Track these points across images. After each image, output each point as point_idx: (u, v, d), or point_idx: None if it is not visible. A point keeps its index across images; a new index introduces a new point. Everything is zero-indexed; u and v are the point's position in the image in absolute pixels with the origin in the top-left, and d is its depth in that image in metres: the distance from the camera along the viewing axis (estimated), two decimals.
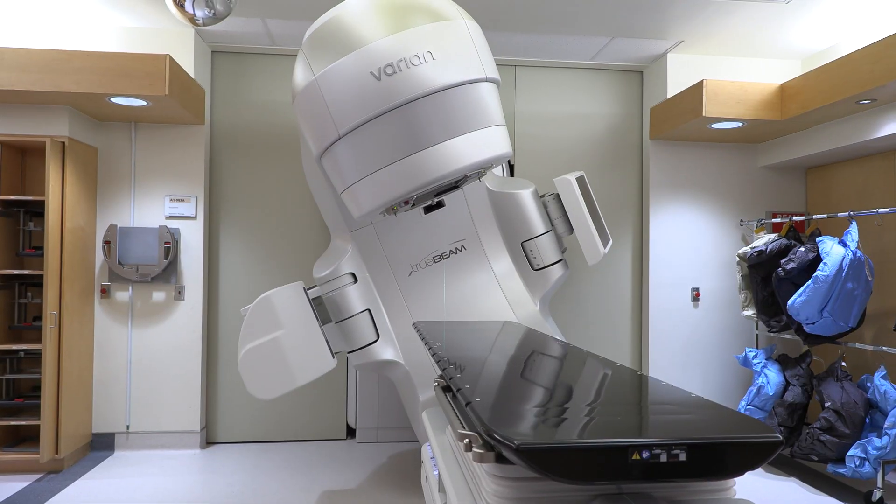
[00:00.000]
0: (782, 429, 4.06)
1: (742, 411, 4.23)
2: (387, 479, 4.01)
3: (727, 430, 1.30)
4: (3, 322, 4.14)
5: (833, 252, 3.81)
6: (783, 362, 4.30)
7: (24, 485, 3.82)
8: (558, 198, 3.76)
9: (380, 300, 3.61)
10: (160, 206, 4.53)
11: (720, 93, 4.17)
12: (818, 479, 4.01)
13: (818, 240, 3.97)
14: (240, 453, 4.52)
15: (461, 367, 1.88)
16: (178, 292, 4.53)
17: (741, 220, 4.95)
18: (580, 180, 3.82)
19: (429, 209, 3.57)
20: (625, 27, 4.37)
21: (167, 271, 4.48)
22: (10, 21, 4.31)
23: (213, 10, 3.68)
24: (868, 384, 3.81)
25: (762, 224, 4.72)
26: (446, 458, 1.86)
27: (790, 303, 3.90)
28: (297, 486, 3.87)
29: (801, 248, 4.04)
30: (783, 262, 4.06)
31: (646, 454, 1.19)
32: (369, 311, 3.56)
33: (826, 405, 3.81)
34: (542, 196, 3.85)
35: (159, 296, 4.52)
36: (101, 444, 4.46)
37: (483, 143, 2.72)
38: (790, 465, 4.26)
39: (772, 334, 4.58)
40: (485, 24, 3.80)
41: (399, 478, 4.03)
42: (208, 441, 4.75)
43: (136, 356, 4.50)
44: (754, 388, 4.22)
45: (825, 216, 4.16)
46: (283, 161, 4.87)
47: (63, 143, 4.05)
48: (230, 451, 4.58)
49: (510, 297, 3.63)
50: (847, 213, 3.96)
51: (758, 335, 4.81)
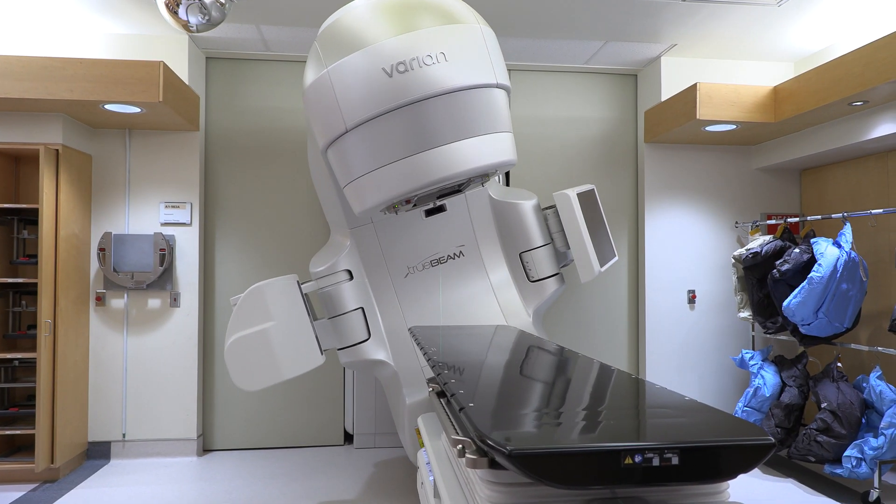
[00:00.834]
0: (779, 430, 4.06)
1: (739, 413, 4.23)
2: (384, 485, 4.00)
3: (720, 434, 1.30)
4: None
5: (827, 253, 3.82)
6: (779, 363, 4.30)
7: (20, 494, 3.80)
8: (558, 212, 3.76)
9: (374, 299, 3.59)
10: (155, 213, 4.53)
11: (714, 95, 4.19)
12: (815, 480, 4.01)
13: (813, 241, 3.98)
14: (237, 461, 4.51)
15: (455, 372, 1.88)
16: (174, 299, 4.52)
17: (736, 222, 4.96)
18: (586, 195, 3.78)
19: (430, 212, 3.56)
20: (618, 31, 4.39)
21: (162, 278, 4.47)
22: (2, 29, 4.31)
23: (207, 17, 3.69)
24: (864, 384, 3.82)
25: (757, 226, 4.73)
26: (441, 463, 1.86)
27: (785, 304, 3.91)
28: (295, 493, 3.86)
29: (796, 250, 4.05)
30: (778, 263, 4.07)
31: (638, 458, 1.19)
32: (362, 309, 3.54)
33: (822, 406, 3.81)
34: (544, 209, 3.84)
35: (155, 303, 4.51)
36: (97, 453, 4.44)
37: (489, 148, 2.71)
38: (787, 466, 4.26)
39: (768, 336, 4.59)
40: None
41: (396, 483, 4.02)
42: (205, 448, 4.73)
43: (131, 364, 4.48)
44: (751, 390, 4.22)
45: (819, 217, 4.17)
46: (279, 167, 4.86)
47: (57, 150, 4.04)
48: (227, 458, 4.56)
49: (504, 307, 3.63)
50: (841, 215, 3.97)
51: (754, 337, 4.82)
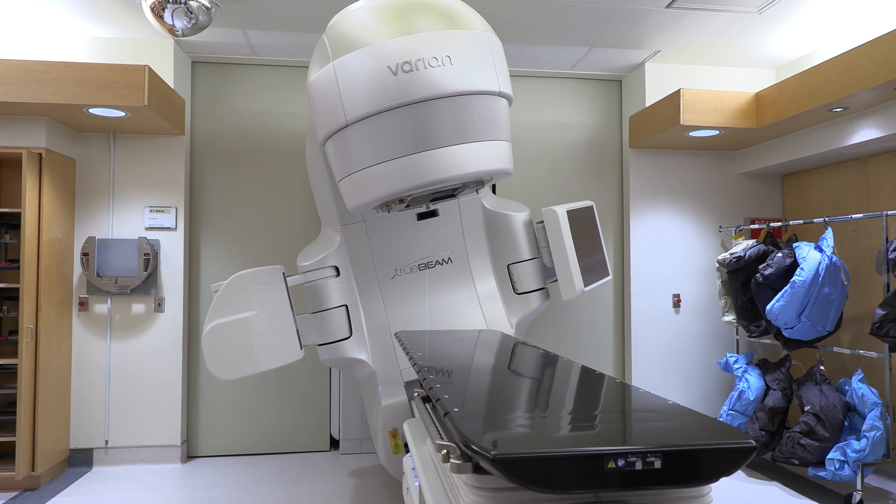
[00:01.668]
0: (763, 433, 4.09)
1: (724, 416, 4.26)
2: (370, 491, 3.99)
3: (702, 437, 1.31)
4: None
5: (809, 257, 3.87)
6: (763, 367, 4.35)
7: (0, 503, 3.74)
8: None
9: (358, 298, 3.57)
10: (139, 217, 4.49)
11: (697, 101, 4.23)
12: (799, 483, 4.05)
13: (795, 245, 4.03)
14: (221, 467, 4.47)
15: (440, 377, 1.88)
16: (158, 304, 4.48)
17: (720, 227, 5.01)
18: (581, 211, 3.77)
19: (422, 216, 3.55)
20: (603, 37, 4.42)
21: (147, 283, 4.43)
22: None
23: (192, 21, 3.68)
24: (846, 387, 3.86)
25: (740, 230, 4.78)
26: (426, 469, 1.86)
27: (769, 308, 3.95)
28: (281, 500, 3.83)
29: (779, 254, 4.09)
30: (761, 267, 4.12)
31: (621, 462, 1.19)
32: (346, 307, 3.52)
33: (806, 409, 3.85)
34: (538, 223, 3.86)
35: (139, 308, 4.47)
36: (78, 460, 4.38)
37: (487, 154, 2.72)
38: (772, 469, 4.30)
39: (752, 339, 4.63)
40: None
41: (382, 489, 4.01)
42: (189, 455, 4.69)
43: (114, 369, 4.44)
44: (736, 393, 4.26)
45: (801, 222, 4.23)
46: (265, 171, 4.85)
47: (40, 154, 4.00)
48: (212, 464, 4.53)
49: (488, 317, 3.63)
50: (822, 219, 4.03)
51: (738, 340, 4.86)
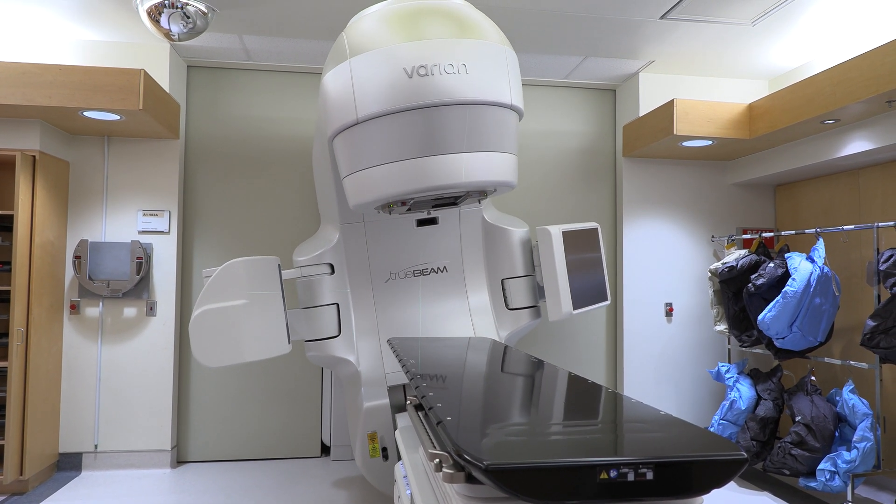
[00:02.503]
0: (754, 443, 4.10)
1: (715, 425, 4.27)
2: (361, 498, 3.97)
3: (694, 449, 1.31)
4: None
5: (801, 268, 3.90)
6: (755, 377, 4.36)
7: None
8: None
9: (350, 298, 3.56)
10: (133, 221, 4.47)
11: (690, 112, 4.26)
12: (790, 493, 4.06)
13: (787, 256, 4.06)
14: (211, 472, 4.44)
15: (433, 384, 1.88)
16: (150, 308, 4.46)
17: (712, 236, 5.04)
18: (582, 233, 3.75)
19: (422, 222, 3.55)
20: (597, 47, 4.45)
21: (139, 287, 4.41)
22: None
23: (189, 26, 3.68)
24: (837, 398, 3.88)
25: (733, 240, 4.80)
26: (418, 477, 1.86)
27: (760, 318, 3.97)
28: None
29: (771, 264, 4.12)
30: (753, 277, 4.14)
31: (613, 473, 1.20)
32: (337, 305, 3.51)
33: (797, 419, 3.87)
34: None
35: (130, 311, 4.45)
36: (67, 465, 4.35)
37: (493, 165, 2.72)
38: (763, 480, 4.31)
39: (743, 349, 4.65)
40: None
41: (373, 496, 3.99)
42: (179, 460, 4.66)
43: (105, 373, 4.41)
44: (727, 403, 4.27)
45: (793, 233, 4.26)
46: (259, 176, 4.84)
47: (34, 156, 3.98)
48: (201, 470, 4.50)
49: (478, 330, 3.63)
50: (814, 230, 4.05)
51: (730, 350, 4.88)
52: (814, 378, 4.02)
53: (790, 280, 3.89)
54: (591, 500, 1.26)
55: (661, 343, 4.98)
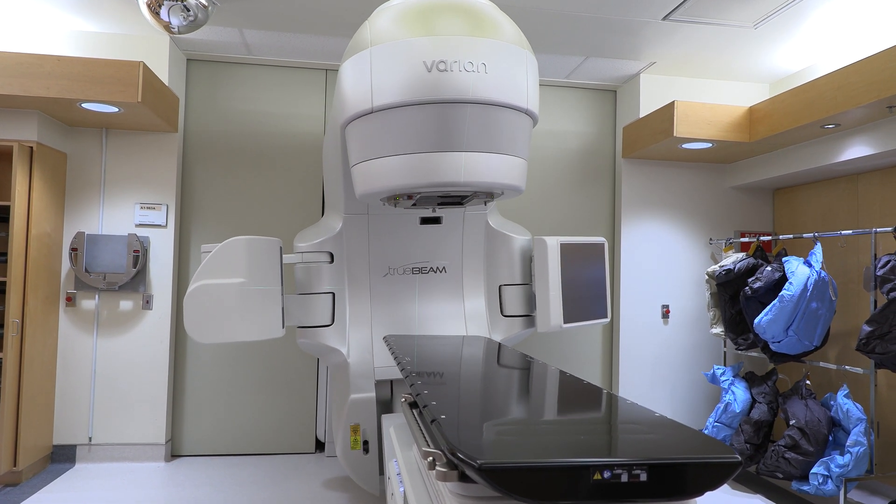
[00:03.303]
0: (748, 446, 4.11)
1: (710, 428, 4.28)
2: (355, 494, 3.97)
3: (688, 451, 1.31)
4: None
5: (798, 272, 3.90)
6: (750, 380, 4.37)
7: None
8: None
9: (347, 289, 3.55)
10: (130, 214, 4.46)
11: (690, 114, 4.26)
12: (783, 497, 4.07)
13: (784, 260, 4.06)
14: (205, 467, 4.43)
15: (428, 382, 1.88)
16: (147, 301, 4.45)
17: (710, 239, 5.04)
18: (586, 247, 3.72)
19: (426, 220, 3.53)
20: (599, 47, 4.45)
21: (135, 280, 4.40)
22: None
23: (189, 19, 3.66)
24: (831, 402, 3.88)
25: (730, 243, 4.81)
26: (412, 475, 1.85)
27: (757, 321, 3.98)
28: (264, 501, 3.81)
29: (768, 268, 4.12)
30: (750, 281, 4.14)
31: (607, 474, 1.19)
32: (333, 294, 3.51)
33: (791, 423, 3.87)
34: None
35: (126, 305, 4.44)
36: (61, 456, 4.34)
37: (503, 168, 2.70)
38: (756, 482, 4.31)
39: (739, 352, 4.65)
40: None
41: (366, 493, 3.99)
42: (173, 454, 4.65)
43: (100, 366, 4.40)
44: (722, 405, 4.27)
45: (791, 237, 4.26)
46: (258, 171, 4.83)
47: (31, 147, 3.97)
48: (195, 464, 4.49)
49: (470, 333, 3.62)
50: (812, 235, 4.06)
51: (725, 352, 4.89)
52: (809, 382, 4.02)
53: (787, 284, 3.89)
54: (585, 501, 1.25)
55: (658, 345, 4.98)
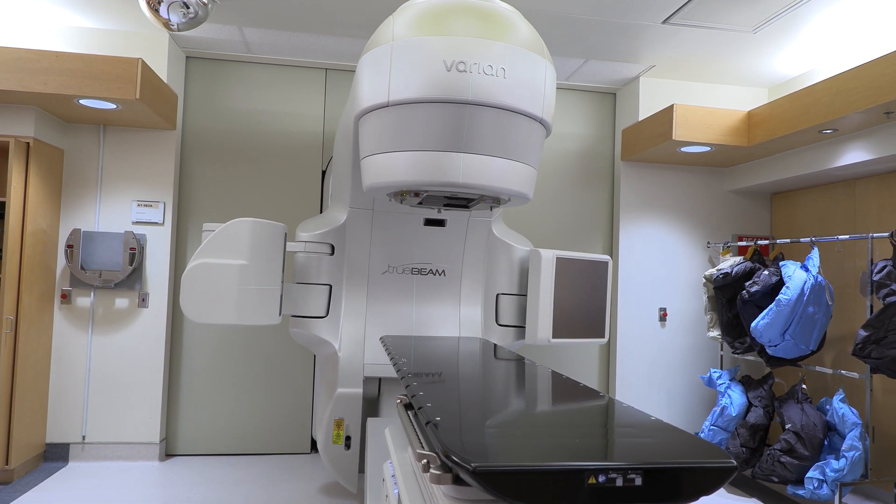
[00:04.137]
0: (744, 449, 4.11)
1: (706, 431, 4.28)
2: (349, 495, 3.96)
3: (683, 455, 1.30)
4: None
5: (795, 276, 3.90)
6: (746, 383, 4.37)
7: None
8: None
9: (344, 282, 3.54)
10: (127, 211, 4.44)
11: (690, 117, 4.26)
12: (778, 501, 4.07)
13: (781, 264, 4.06)
14: (200, 466, 4.42)
15: (424, 384, 1.87)
16: (142, 299, 4.43)
17: (708, 243, 5.04)
18: (588, 264, 3.69)
19: (429, 222, 3.52)
20: (599, 50, 4.45)
21: (131, 278, 4.38)
22: None
23: (188, 16, 3.65)
24: (827, 407, 3.89)
25: (728, 247, 4.81)
26: (406, 477, 1.84)
27: (753, 325, 3.98)
28: (259, 501, 3.80)
29: (765, 272, 4.12)
30: (747, 284, 4.14)
31: (602, 478, 1.19)
32: (330, 287, 3.49)
33: (787, 427, 3.87)
34: None
35: (122, 302, 4.42)
36: (54, 455, 4.32)
37: (513, 174, 2.70)
38: (751, 486, 4.31)
39: (736, 355, 4.66)
40: None
41: (361, 493, 3.98)
42: (167, 453, 4.63)
43: (95, 364, 4.38)
44: (718, 409, 4.27)
45: (788, 241, 4.26)
46: (257, 170, 4.82)
47: (28, 143, 3.95)
48: (190, 463, 4.47)
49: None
50: (809, 239, 4.06)
51: (722, 356, 4.89)
52: (805, 386, 4.02)
53: (784, 288, 3.89)
54: None
55: (655, 348, 4.98)
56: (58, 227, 4.35)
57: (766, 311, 3.93)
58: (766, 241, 4.53)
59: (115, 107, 3.95)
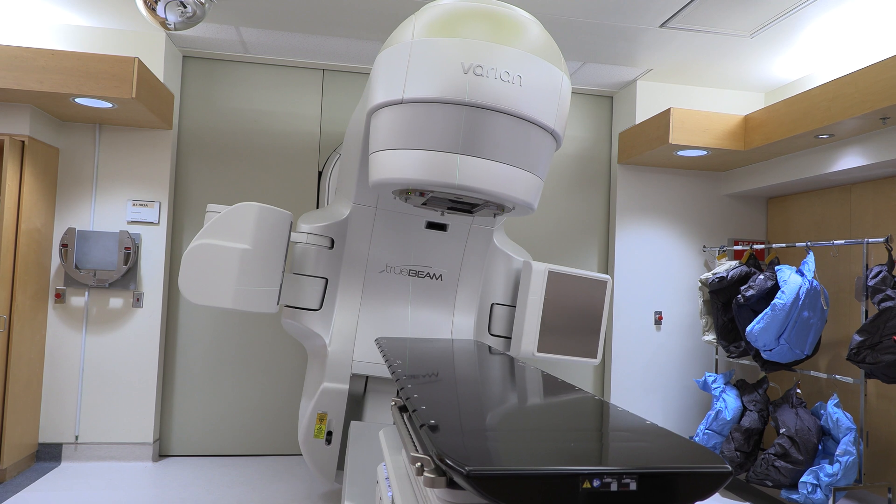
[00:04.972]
0: (739, 453, 4.11)
1: (700, 435, 4.28)
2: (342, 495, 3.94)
3: (678, 460, 1.30)
4: None
5: (791, 281, 3.91)
6: (741, 388, 4.37)
7: None
8: None
9: (341, 277, 3.53)
10: (122, 211, 4.43)
11: (686, 121, 4.27)
12: None
13: (777, 268, 4.07)
14: (194, 467, 4.40)
15: (419, 386, 1.86)
16: (137, 299, 4.41)
17: (704, 246, 5.05)
18: (586, 282, 3.66)
19: (431, 225, 3.52)
20: (597, 53, 4.45)
21: (126, 277, 4.37)
22: None
23: (185, 16, 3.64)
24: (821, 411, 3.89)
25: (724, 251, 4.82)
26: (400, 480, 1.84)
27: (749, 329, 3.98)
28: (253, 502, 3.78)
29: (761, 276, 4.13)
30: (743, 289, 4.15)
31: (596, 483, 1.18)
32: (326, 280, 3.49)
33: (781, 431, 3.88)
34: None
35: (116, 302, 4.40)
36: (47, 455, 4.29)
37: (521, 182, 2.70)
38: (746, 490, 4.32)
39: (731, 359, 4.66)
40: None
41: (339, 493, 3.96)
42: (161, 454, 4.61)
43: (88, 364, 4.36)
44: (713, 413, 4.28)
45: (784, 245, 4.27)
46: (253, 170, 4.81)
47: (23, 142, 3.94)
48: (183, 464, 4.45)
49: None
50: (805, 244, 4.07)
51: (717, 360, 4.89)
52: (799, 391, 4.03)
53: (779, 293, 3.90)
54: None
55: (650, 351, 4.98)
56: (52, 226, 4.34)
57: (761, 316, 3.93)
58: (762, 246, 4.54)
59: (110, 106, 3.94)
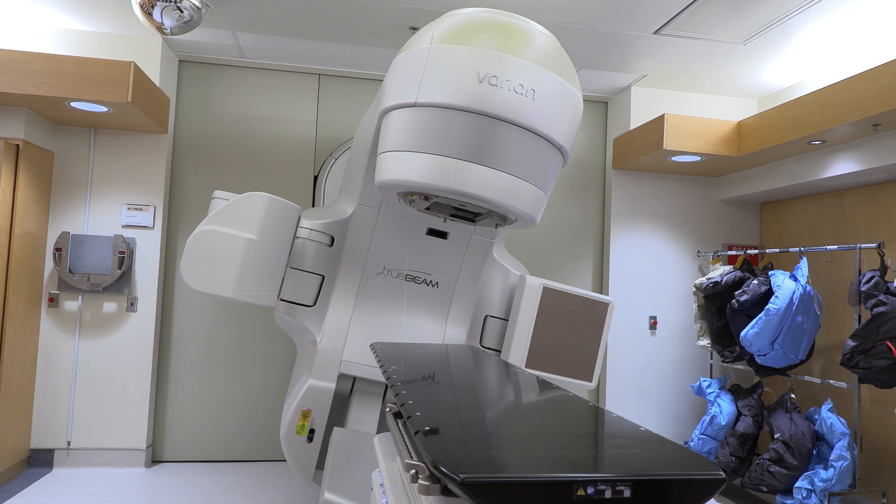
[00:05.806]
0: (733, 458, 4.12)
1: (695, 440, 4.29)
2: None
3: (673, 467, 1.30)
4: None
5: (784, 286, 3.92)
6: (736, 392, 4.38)
7: None
8: None
9: (338, 276, 3.53)
10: (116, 215, 4.41)
11: (680, 127, 4.29)
12: None
13: (771, 273, 4.09)
14: (187, 473, 4.38)
15: (413, 392, 1.86)
16: (131, 304, 4.40)
17: (698, 252, 5.07)
18: (586, 302, 3.64)
19: (432, 232, 3.53)
20: (591, 59, 4.47)
21: (120, 282, 4.35)
22: None
23: (182, 20, 3.64)
24: (815, 416, 3.90)
25: (718, 256, 4.83)
26: (395, 487, 1.83)
27: (743, 334, 3.99)
28: None
29: (755, 281, 4.14)
30: (737, 294, 4.16)
31: (591, 490, 1.18)
32: (323, 277, 3.49)
33: (775, 436, 3.89)
34: None
35: (110, 307, 4.38)
36: (38, 461, 4.26)
37: (526, 195, 2.72)
38: (741, 495, 4.32)
39: (725, 364, 4.67)
40: None
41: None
42: (154, 460, 4.59)
43: (81, 368, 4.33)
44: (708, 418, 4.28)
45: (778, 251, 4.29)
46: (249, 175, 4.80)
47: (18, 145, 3.92)
48: (177, 470, 4.43)
49: None
50: (798, 249, 4.09)
51: (712, 365, 4.90)
52: (793, 396, 4.04)
53: (773, 298, 3.91)
54: None
55: (645, 356, 4.99)
56: (46, 230, 4.32)
57: (755, 321, 3.95)
58: (756, 251, 4.56)
59: (106, 110, 3.93)
